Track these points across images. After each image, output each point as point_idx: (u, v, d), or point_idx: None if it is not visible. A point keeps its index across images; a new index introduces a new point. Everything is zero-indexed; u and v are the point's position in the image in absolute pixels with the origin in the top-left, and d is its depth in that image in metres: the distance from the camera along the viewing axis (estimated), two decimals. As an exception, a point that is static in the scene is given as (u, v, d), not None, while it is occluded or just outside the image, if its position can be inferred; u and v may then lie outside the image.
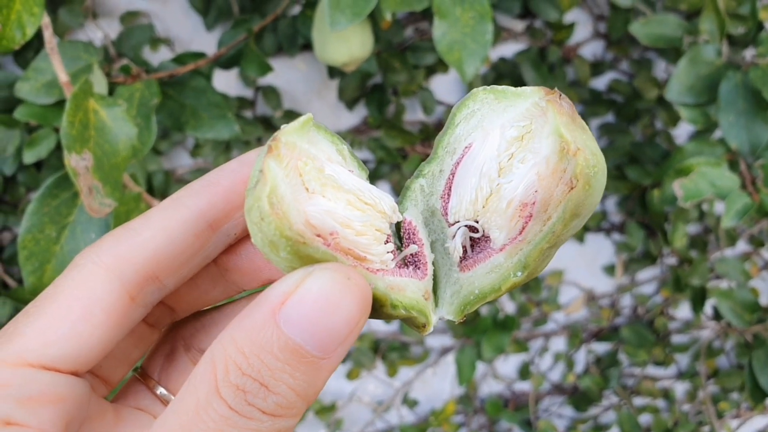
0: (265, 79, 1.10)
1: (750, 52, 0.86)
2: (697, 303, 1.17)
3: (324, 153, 0.28)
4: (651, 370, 1.44)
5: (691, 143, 0.85)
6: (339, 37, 0.86)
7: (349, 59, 0.89)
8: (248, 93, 1.13)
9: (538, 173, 0.28)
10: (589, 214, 0.28)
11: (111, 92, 0.73)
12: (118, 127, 0.61)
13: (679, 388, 1.46)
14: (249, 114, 1.13)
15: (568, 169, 0.27)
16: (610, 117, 1.23)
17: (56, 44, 0.60)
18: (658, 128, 1.22)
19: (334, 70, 1.08)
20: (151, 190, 1.05)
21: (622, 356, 1.39)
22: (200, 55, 0.82)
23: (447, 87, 1.19)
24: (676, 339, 1.40)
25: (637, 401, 1.44)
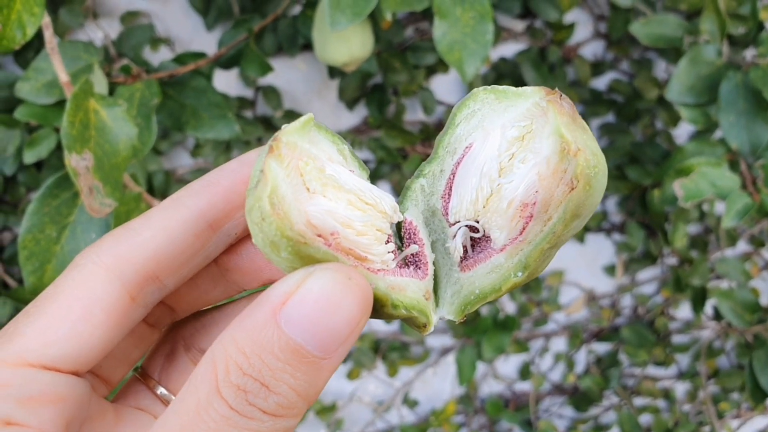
0: (266, 79, 1.10)
1: (750, 52, 0.86)
2: (698, 303, 1.17)
3: (325, 153, 0.28)
4: (651, 371, 1.44)
5: (692, 143, 0.85)
6: (339, 37, 0.86)
7: (350, 59, 0.89)
8: (248, 93, 1.13)
9: (538, 173, 0.28)
10: (589, 214, 0.28)
11: (111, 92, 0.73)
12: (118, 127, 0.61)
13: (680, 389, 1.46)
14: (249, 114, 1.13)
15: (569, 169, 0.27)
16: (610, 117, 1.23)
17: (56, 44, 0.60)
18: (658, 128, 1.22)
19: (335, 70, 1.08)
20: (151, 190, 1.05)
21: (622, 356, 1.39)
22: (200, 55, 0.82)
23: (447, 87, 1.19)
24: (676, 339, 1.40)
25: (638, 401, 1.44)
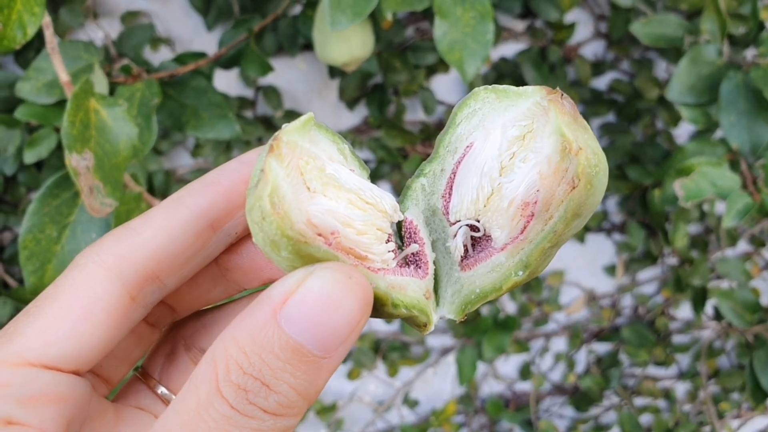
0: (266, 79, 1.10)
1: (751, 52, 0.86)
2: (698, 303, 1.17)
3: (325, 152, 0.28)
4: (652, 371, 1.44)
5: (692, 143, 0.85)
6: (340, 37, 0.86)
7: (350, 59, 0.89)
8: (249, 93, 1.13)
9: (539, 172, 0.27)
10: (590, 213, 0.28)
11: (112, 92, 0.73)
12: (118, 127, 0.61)
13: (680, 389, 1.46)
14: (249, 114, 1.13)
15: (570, 168, 0.27)
16: (610, 117, 1.23)
17: (57, 44, 0.60)
18: (658, 128, 1.22)
19: (335, 70, 1.08)
20: (151, 190, 1.05)
21: (622, 356, 1.39)
22: (201, 55, 0.82)
23: (448, 87, 1.19)
24: (676, 339, 1.40)
25: (638, 401, 1.44)
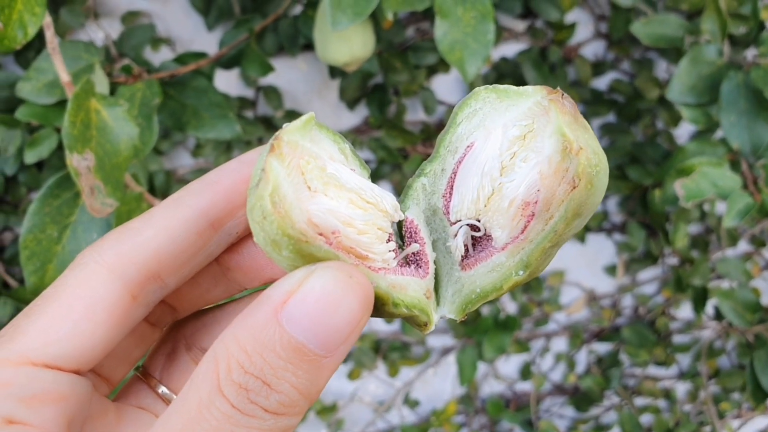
0: (266, 79, 1.10)
1: (751, 52, 0.86)
2: (699, 303, 1.17)
3: (326, 152, 0.28)
4: (652, 371, 1.44)
5: (693, 143, 0.85)
6: (340, 37, 0.86)
7: (351, 59, 0.89)
8: (249, 93, 1.13)
9: (540, 172, 0.28)
10: (591, 213, 0.28)
11: (112, 92, 0.73)
12: (119, 127, 0.61)
13: (681, 389, 1.46)
14: (250, 114, 1.13)
15: (571, 168, 0.27)
16: (611, 117, 1.23)
17: (58, 44, 0.60)
18: (659, 128, 1.22)
19: (336, 70, 1.08)
20: (152, 190, 1.05)
21: (623, 356, 1.39)
22: (201, 55, 0.82)
23: (448, 87, 1.19)
24: (677, 339, 1.40)
25: (639, 401, 1.44)
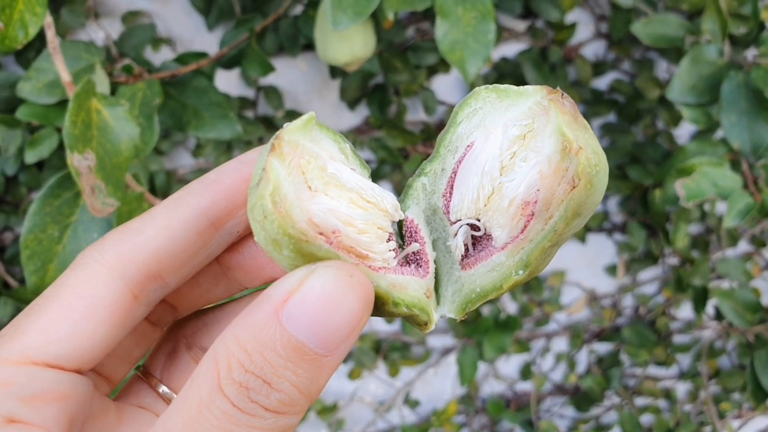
0: (267, 79, 1.10)
1: (752, 52, 0.86)
2: (699, 303, 1.17)
3: (326, 151, 0.28)
4: (652, 371, 1.44)
5: (693, 143, 0.85)
6: (341, 37, 0.86)
7: (351, 59, 0.89)
8: (250, 93, 1.13)
9: (540, 172, 0.28)
10: (590, 213, 0.28)
11: (113, 92, 0.73)
12: (120, 127, 0.61)
13: (681, 389, 1.46)
14: (250, 114, 1.13)
15: (570, 167, 0.27)
16: (611, 117, 1.23)
17: (58, 44, 0.60)
18: (659, 128, 1.22)
19: (336, 70, 1.08)
20: (153, 190, 1.05)
21: (623, 356, 1.39)
22: (202, 55, 0.82)
23: (448, 87, 1.19)
24: (677, 339, 1.40)
25: (639, 401, 1.44)
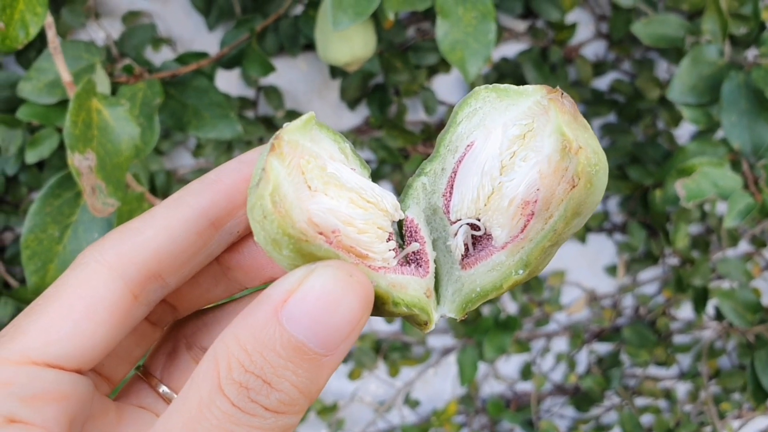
0: (267, 79, 1.10)
1: (752, 53, 0.86)
2: (699, 303, 1.17)
3: (326, 151, 0.28)
4: (653, 371, 1.44)
5: (694, 143, 0.85)
6: (341, 37, 0.86)
7: (352, 59, 0.89)
8: (250, 93, 1.13)
9: (539, 171, 0.28)
10: (590, 212, 0.28)
11: (114, 92, 0.73)
12: (120, 127, 0.61)
13: (681, 389, 1.46)
14: (251, 114, 1.13)
15: (570, 167, 0.27)
16: (611, 117, 1.23)
17: (59, 44, 0.60)
18: (659, 128, 1.22)
19: (336, 70, 1.08)
20: (153, 190, 1.05)
21: (623, 357, 1.39)
22: (202, 55, 0.82)
23: (449, 87, 1.19)
24: (677, 339, 1.40)
25: (639, 401, 1.44)
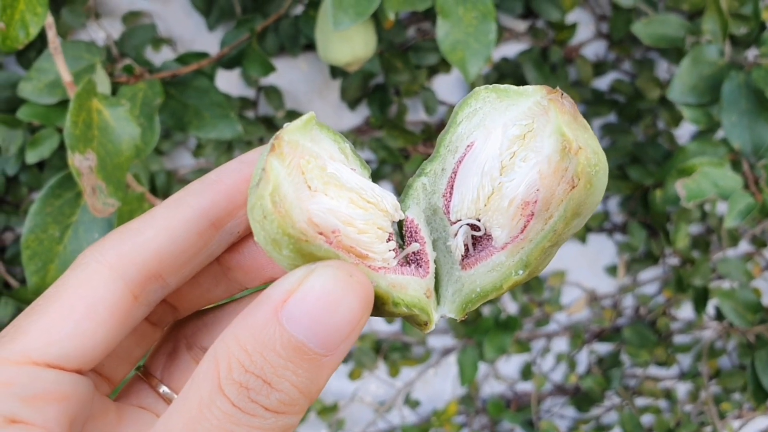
0: (267, 79, 1.10)
1: (752, 53, 0.86)
2: (699, 303, 1.17)
3: (326, 151, 0.28)
4: (653, 371, 1.44)
5: (694, 143, 0.85)
6: (342, 37, 0.86)
7: (352, 59, 0.89)
8: (250, 93, 1.13)
9: (539, 172, 0.28)
10: (590, 213, 0.28)
11: (114, 92, 0.73)
12: (121, 127, 0.61)
13: (681, 389, 1.46)
14: (251, 114, 1.13)
15: (570, 167, 0.27)
16: (612, 117, 1.23)
17: (59, 44, 0.60)
18: (660, 128, 1.22)
19: (337, 70, 1.08)
20: (153, 190, 1.05)
21: (624, 357, 1.39)
22: (203, 55, 0.82)
23: (449, 87, 1.19)
24: (678, 339, 1.40)
25: (639, 402, 1.44)
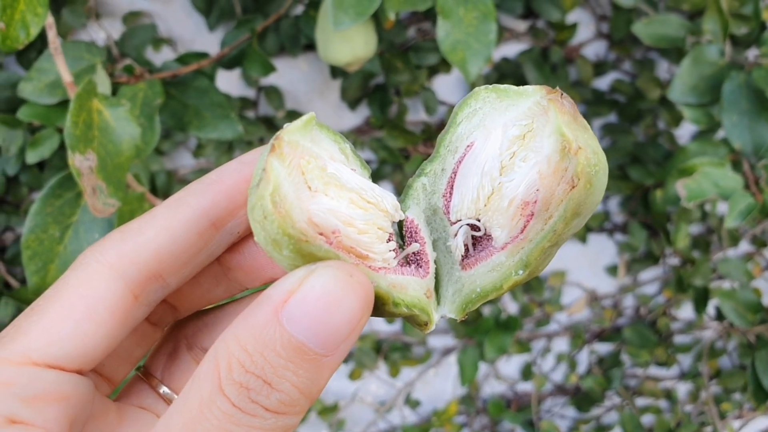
0: (268, 79, 1.10)
1: (753, 53, 0.86)
2: (700, 303, 1.17)
3: (326, 152, 0.28)
4: (653, 371, 1.44)
5: (694, 143, 0.85)
6: (342, 37, 0.86)
7: (353, 59, 0.89)
8: (251, 93, 1.13)
9: (539, 172, 0.28)
10: (590, 213, 0.28)
11: (114, 92, 0.73)
12: (121, 127, 0.61)
13: (682, 389, 1.45)
14: (251, 114, 1.13)
15: (570, 167, 0.27)
16: (612, 117, 1.23)
17: (60, 44, 0.60)
18: (660, 128, 1.22)
19: (337, 70, 1.08)
20: (154, 191, 1.05)
21: (624, 357, 1.39)
22: (203, 55, 0.82)
23: (449, 87, 1.19)
24: (678, 339, 1.40)
25: (640, 402, 1.44)
